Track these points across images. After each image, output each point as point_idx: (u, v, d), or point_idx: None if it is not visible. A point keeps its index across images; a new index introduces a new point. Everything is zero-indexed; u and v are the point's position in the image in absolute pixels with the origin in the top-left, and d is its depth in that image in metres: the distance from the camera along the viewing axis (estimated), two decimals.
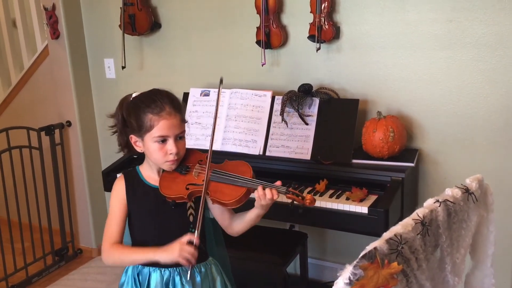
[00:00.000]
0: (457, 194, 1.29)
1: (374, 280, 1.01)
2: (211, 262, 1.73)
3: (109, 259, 1.61)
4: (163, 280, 1.62)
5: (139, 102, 1.59)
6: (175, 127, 1.56)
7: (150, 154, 1.60)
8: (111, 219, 1.64)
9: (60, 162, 3.28)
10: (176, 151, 1.56)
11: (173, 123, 1.55)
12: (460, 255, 1.31)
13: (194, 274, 1.66)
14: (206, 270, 1.69)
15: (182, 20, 2.86)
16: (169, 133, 1.55)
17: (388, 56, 2.36)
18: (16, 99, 3.69)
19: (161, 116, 1.54)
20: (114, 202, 1.65)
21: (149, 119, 1.54)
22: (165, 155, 1.56)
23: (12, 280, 3.03)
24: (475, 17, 2.16)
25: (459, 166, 2.31)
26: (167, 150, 1.56)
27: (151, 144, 1.56)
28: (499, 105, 2.19)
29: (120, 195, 1.64)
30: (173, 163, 1.59)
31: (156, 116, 1.54)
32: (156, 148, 1.56)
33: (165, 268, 1.63)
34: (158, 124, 1.53)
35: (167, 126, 1.54)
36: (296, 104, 2.34)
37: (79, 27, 3.18)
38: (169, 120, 1.54)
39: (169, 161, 1.57)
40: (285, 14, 2.56)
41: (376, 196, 2.07)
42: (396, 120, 2.25)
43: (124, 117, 1.62)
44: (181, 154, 1.60)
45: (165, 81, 2.98)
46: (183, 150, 1.61)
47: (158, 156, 1.57)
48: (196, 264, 1.67)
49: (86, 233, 3.44)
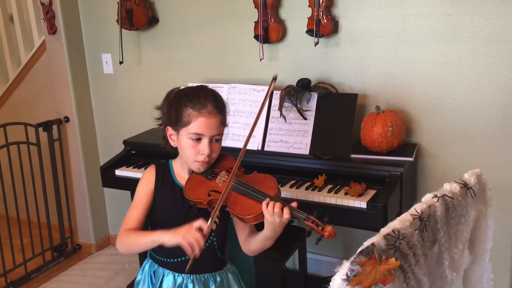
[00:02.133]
0: (455, 189, 1.28)
1: (371, 276, 1.01)
2: (228, 271, 1.68)
3: (119, 243, 1.56)
4: (175, 285, 1.59)
5: (183, 94, 1.56)
6: (213, 128, 1.51)
7: (182, 150, 1.56)
8: (133, 206, 1.60)
9: (58, 158, 3.28)
10: (208, 152, 1.51)
11: (211, 122, 1.51)
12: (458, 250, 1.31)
13: (209, 283, 1.62)
14: (221, 279, 1.64)
15: (180, 15, 2.84)
16: (205, 132, 1.51)
17: (387, 50, 2.35)
18: (13, 95, 3.68)
19: (201, 113, 1.50)
20: (141, 189, 1.61)
21: (188, 114, 1.50)
22: (196, 154, 1.52)
23: (11, 276, 3.03)
24: (474, 10, 2.15)
25: (458, 160, 2.31)
26: (200, 150, 1.51)
27: (185, 139, 1.52)
28: (498, 99, 2.19)
29: (149, 184, 1.61)
30: (203, 164, 1.54)
31: (195, 112, 1.50)
32: (189, 145, 1.52)
33: (179, 273, 1.60)
34: (196, 120, 1.50)
35: (205, 124, 1.50)
36: (294, 99, 2.33)
37: (76, 22, 3.16)
38: (208, 119, 1.50)
39: (199, 161, 1.53)
40: (283, 9, 2.54)
41: (375, 191, 2.07)
42: (394, 115, 2.25)
43: (166, 110, 1.58)
44: (213, 157, 1.55)
45: (163, 76, 2.97)
46: (216, 153, 1.56)
47: (189, 153, 1.53)
48: (211, 272, 1.63)
49: (85, 229, 3.44)
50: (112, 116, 3.27)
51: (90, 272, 3.16)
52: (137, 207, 1.59)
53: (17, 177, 3.09)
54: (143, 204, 1.60)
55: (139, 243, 1.52)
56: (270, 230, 1.46)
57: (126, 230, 1.56)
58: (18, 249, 3.12)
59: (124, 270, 3.11)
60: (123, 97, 3.19)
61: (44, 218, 3.25)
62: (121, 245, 1.57)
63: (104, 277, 3.06)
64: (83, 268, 3.22)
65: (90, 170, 3.33)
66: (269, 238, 1.51)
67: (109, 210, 3.50)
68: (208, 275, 1.63)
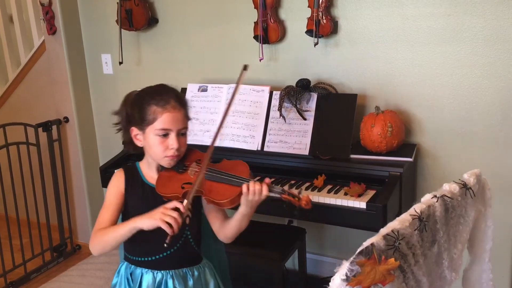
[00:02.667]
0: (454, 189, 1.28)
1: (371, 276, 1.01)
2: (205, 265, 1.71)
3: (94, 243, 1.57)
4: (155, 282, 1.61)
5: (145, 94, 1.58)
6: (179, 122, 1.54)
7: (149, 148, 1.57)
8: (104, 208, 1.61)
9: (57, 158, 3.28)
10: (177, 146, 1.54)
11: (177, 117, 1.54)
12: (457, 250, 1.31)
13: (187, 277, 1.64)
14: (199, 273, 1.67)
15: (180, 15, 2.84)
16: (172, 126, 1.53)
17: (386, 50, 2.36)
18: (13, 95, 3.68)
19: (166, 109, 1.52)
20: (111, 192, 1.63)
21: (152, 111, 1.52)
22: (165, 150, 1.54)
23: (11, 277, 3.03)
24: (473, 11, 2.15)
25: (457, 160, 2.31)
26: (168, 145, 1.54)
27: (152, 137, 1.54)
28: (497, 99, 2.19)
29: (119, 186, 1.62)
30: (173, 159, 1.56)
31: (160, 108, 1.52)
32: (157, 141, 1.54)
33: (157, 270, 1.61)
34: (161, 116, 1.52)
35: (171, 119, 1.52)
36: (294, 99, 2.33)
37: (76, 23, 3.16)
38: (173, 114, 1.53)
39: (168, 156, 1.55)
40: (282, 9, 2.55)
41: (374, 191, 2.07)
42: (394, 115, 2.25)
43: (128, 112, 1.60)
44: (182, 151, 1.58)
45: (163, 76, 2.97)
46: (184, 147, 1.59)
47: (158, 150, 1.55)
48: (189, 267, 1.65)
49: (85, 229, 3.44)
50: (112, 117, 3.25)
51: (89, 272, 3.15)
52: (108, 209, 1.60)
53: (17, 177, 3.08)
54: (113, 205, 1.61)
55: (116, 236, 1.53)
56: (247, 207, 1.52)
57: (100, 229, 1.57)
58: (18, 250, 3.12)
59: None
60: (122, 98, 3.17)
61: (43, 219, 3.25)
62: (95, 245, 1.57)
63: (103, 278, 3.06)
64: (83, 269, 3.21)
65: (89, 171, 3.33)
66: (245, 215, 1.55)
67: None
68: (186, 269, 1.65)
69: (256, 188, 1.48)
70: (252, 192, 1.48)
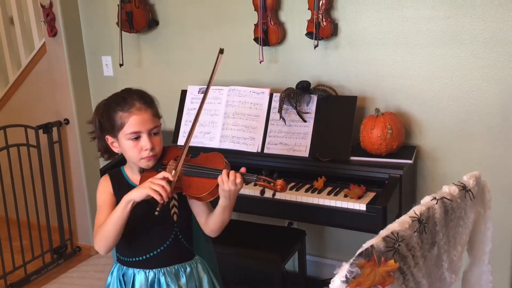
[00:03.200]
0: (454, 191, 1.29)
1: (370, 278, 1.01)
2: (197, 261, 1.71)
3: (97, 241, 1.55)
4: (148, 281, 1.61)
5: (110, 101, 1.59)
6: (147, 122, 1.54)
7: (126, 153, 1.58)
8: (99, 211, 1.60)
9: (58, 160, 3.28)
10: (151, 146, 1.54)
11: (144, 118, 1.54)
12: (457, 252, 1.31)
13: (179, 274, 1.64)
14: (191, 269, 1.67)
15: (180, 17, 2.85)
16: (141, 128, 1.53)
17: (386, 53, 2.36)
18: (13, 97, 3.68)
19: (131, 112, 1.53)
20: (101, 196, 1.62)
21: (119, 117, 1.53)
22: (140, 152, 1.54)
23: (11, 278, 3.03)
24: (473, 13, 2.15)
25: (457, 163, 2.31)
26: (142, 146, 1.54)
27: (125, 142, 1.55)
28: (497, 101, 2.19)
29: (108, 189, 1.62)
30: (150, 159, 1.56)
31: (126, 113, 1.53)
32: (131, 145, 1.54)
33: (149, 269, 1.62)
34: (129, 120, 1.52)
35: (138, 121, 1.53)
36: (294, 101, 2.34)
37: (77, 25, 3.17)
38: (139, 115, 1.53)
39: (144, 157, 1.55)
40: (283, 11, 2.55)
41: (374, 193, 2.07)
42: (394, 117, 2.25)
43: (100, 121, 1.61)
44: (157, 150, 1.57)
45: (163, 78, 2.98)
46: (159, 146, 1.58)
47: (133, 153, 1.55)
48: (181, 264, 1.65)
49: (85, 231, 3.44)
50: None
51: (89, 274, 3.15)
52: (103, 211, 1.59)
53: (17, 179, 3.09)
54: (107, 206, 1.60)
55: (114, 220, 1.50)
56: (226, 199, 1.52)
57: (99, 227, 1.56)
58: (18, 251, 3.12)
59: None
60: None
61: (43, 220, 3.25)
62: (99, 242, 1.55)
63: (103, 279, 3.03)
64: (83, 270, 3.21)
65: (89, 172, 3.33)
66: (226, 207, 1.55)
67: None
68: (178, 266, 1.65)
69: (230, 178, 1.48)
70: (226, 181, 1.48)
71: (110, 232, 1.52)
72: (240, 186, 1.49)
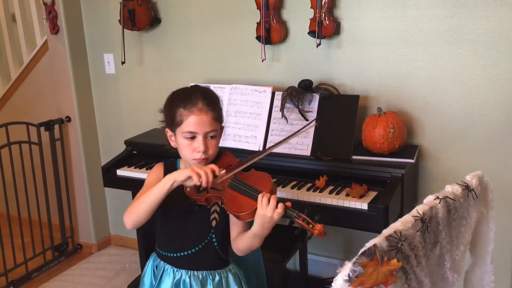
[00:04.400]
0: (457, 191, 1.28)
1: (373, 277, 1.01)
2: (230, 271, 1.68)
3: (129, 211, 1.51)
4: (173, 280, 1.61)
5: (175, 96, 1.59)
6: (205, 125, 1.52)
7: (180, 150, 1.58)
8: (144, 189, 1.57)
9: (59, 157, 3.28)
10: (204, 149, 1.52)
11: (202, 119, 1.52)
12: (459, 252, 1.31)
13: (207, 281, 1.62)
14: (221, 278, 1.64)
15: (182, 15, 2.85)
16: (197, 129, 1.52)
17: (389, 52, 2.36)
18: (15, 95, 3.68)
19: (191, 112, 1.51)
20: (151, 177, 1.62)
21: (179, 114, 1.53)
22: (193, 152, 1.53)
23: (12, 276, 3.03)
24: (476, 13, 2.15)
25: (459, 162, 2.31)
26: (195, 148, 1.53)
27: (181, 139, 1.55)
28: (500, 101, 2.19)
29: (159, 174, 1.61)
30: (201, 162, 1.54)
31: (186, 111, 1.52)
32: (185, 144, 1.54)
33: (178, 268, 1.62)
34: (187, 119, 1.52)
35: (196, 122, 1.51)
36: (296, 100, 2.34)
37: (79, 22, 3.17)
38: (199, 116, 1.51)
39: (196, 159, 1.54)
40: (285, 10, 2.55)
41: (376, 192, 2.07)
42: (396, 116, 2.25)
43: (163, 113, 1.61)
44: (210, 154, 1.55)
45: (165, 76, 2.98)
46: (213, 150, 1.56)
47: (186, 152, 1.55)
48: (210, 270, 1.63)
49: (86, 229, 3.44)
50: (114, 116, 3.27)
51: (90, 271, 3.16)
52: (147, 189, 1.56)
53: (19, 176, 3.09)
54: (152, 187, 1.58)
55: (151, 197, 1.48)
56: (259, 226, 1.45)
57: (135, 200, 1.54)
58: (19, 248, 3.12)
59: (124, 270, 3.11)
60: (124, 97, 3.19)
61: (45, 218, 3.25)
62: (130, 213, 1.51)
63: (104, 277, 3.06)
64: (84, 268, 3.22)
65: (91, 170, 3.33)
66: (257, 236, 1.50)
67: (110, 210, 3.51)
68: (206, 272, 1.63)
69: (271, 204, 1.41)
70: (266, 205, 1.42)
71: (143, 207, 1.49)
72: (277, 216, 1.42)
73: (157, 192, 1.47)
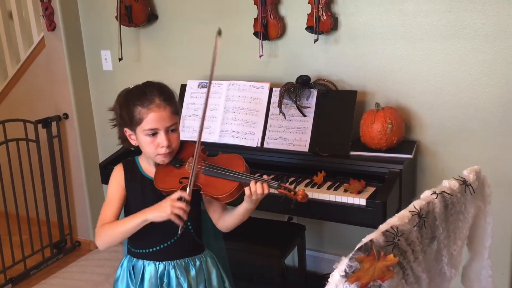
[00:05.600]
0: (454, 186, 1.28)
1: (370, 272, 1.01)
2: (207, 255, 1.73)
3: (100, 237, 1.58)
4: (157, 273, 1.62)
5: (130, 95, 1.59)
6: (165, 120, 1.54)
7: (142, 147, 1.59)
8: (107, 203, 1.62)
9: (57, 154, 3.28)
10: (167, 143, 1.54)
11: (162, 115, 1.53)
12: (457, 247, 1.31)
13: (189, 267, 1.66)
14: (201, 262, 1.69)
15: (179, 11, 2.84)
16: (158, 125, 1.53)
17: (387, 47, 2.35)
18: (12, 92, 3.67)
19: (150, 109, 1.52)
20: (112, 187, 1.64)
21: (138, 112, 1.53)
22: (156, 148, 1.55)
23: (10, 273, 3.03)
24: (474, 7, 2.14)
25: (457, 157, 2.31)
26: (158, 143, 1.54)
27: (142, 137, 1.55)
28: (497, 96, 2.18)
29: (119, 181, 1.63)
30: (165, 156, 1.57)
31: (145, 109, 1.53)
32: (147, 141, 1.55)
33: (159, 261, 1.63)
34: (147, 117, 1.52)
35: (157, 118, 1.53)
36: (294, 95, 2.33)
37: (75, 19, 3.16)
38: (158, 113, 1.53)
39: (160, 154, 1.56)
40: (282, 5, 2.54)
41: (374, 188, 2.06)
42: (394, 112, 2.24)
43: (119, 113, 1.61)
44: (174, 147, 1.58)
45: (162, 73, 2.97)
46: (176, 143, 1.59)
47: (149, 149, 1.56)
48: (191, 257, 1.67)
49: (84, 226, 3.44)
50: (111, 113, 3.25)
51: (89, 269, 3.16)
52: (112, 204, 1.62)
53: (16, 173, 3.08)
54: (116, 200, 1.62)
55: (127, 229, 1.54)
56: (251, 204, 1.57)
57: (105, 224, 1.58)
58: (17, 246, 3.12)
59: None
60: None
61: (43, 215, 3.25)
62: (102, 240, 1.58)
63: (103, 274, 3.06)
64: (82, 265, 3.22)
65: (89, 167, 3.33)
66: (249, 210, 1.60)
67: None
68: (188, 259, 1.67)
69: (258, 188, 1.52)
70: (254, 193, 1.52)
71: (118, 237, 1.57)
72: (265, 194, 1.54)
73: (130, 228, 1.53)
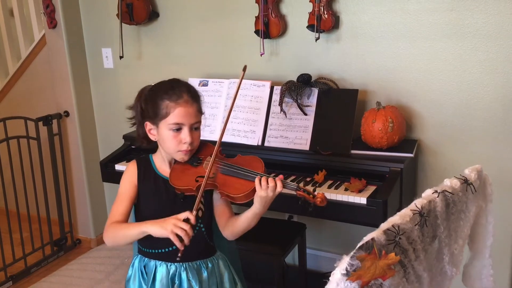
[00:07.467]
0: (455, 185, 1.28)
1: (371, 271, 1.01)
2: (219, 257, 1.71)
3: (107, 236, 1.58)
4: (169, 274, 1.61)
5: (158, 89, 1.59)
6: (191, 116, 1.55)
7: (163, 142, 1.58)
8: (118, 200, 1.61)
9: (58, 152, 3.28)
10: (190, 140, 1.55)
11: (189, 111, 1.54)
12: (458, 246, 1.31)
13: (201, 270, 1.64)
14: (213, 265, 1.67)
15: (181, 9, 2.83)
16: (184, 121, 1.54)
17: (388, 46, 2.35)
18: (13, 89, 3.67)
19: (178, 104, 1.53)
20: (124, 184, 1.63)
21: (165, 106, 1.53)
22: (179, 144, 1.55)
23: (11, 271, 3.03)
24: (476, 6, 2.14)
25: (458, 156, 2.31)
26: (181, 139, 1.54)
27: (165, 131, 1.55)
28: (499, 95, 2.18)
29: (132, 178, 1.63)
30: (186, 153, 1.57)
31: (173, 103, 1.53)
32: (170, 136, 1.55)
33: (171, 262, 1.62)
34: (174, 111, 1.53)
35: (183, 113, 1.53)
36: (295, 94, 2.33)
37: (77, 16, 3.16)
38: (186, 108, 1.53)
39: (182, 150, 1.56)
40: (284, 3, 2.53)
41: (375, 186, 2.06)
42: (395, 111, 2.24)
43: (142, 106, 1.61)
44: (195, 145, 1.58)
45: (163, 70, 2.97)
46: (197, 141, 1.59)
47: (171, 144, 1.56)
48: (203, 259, 1.65)
49: (85, 223, 3.44)
50: (112, 111, 3.26)
51: (89, 266, 3.16)
52: (122, 201, 1.61)
53: (17, 171, 3.08)
54: (127, 197, 1.62)
55: (127, 235, 1.54)
56: (260, 206, 1.51)
57: (113, 223, 1.57)
58: (18, 244, 3.12)
59: (123, 265, 3.11)
60: (123, 92, 3.18)
61: (44, 213, 3.25)
62: (108, 238, 1.58)
63: (103, 272, 3.06)
64: (83, 263, 3.22)
65: (90, 165, 3.33)
66: (258, 214, 1.55)
67: (109, 204, 3.50)
68: (200, 262, 1.65)
69: (270, 183, 1.47)
70: (265, 187, 1.47)
71: (120, 240, 1.57)
72: (278, 193, 1.49)
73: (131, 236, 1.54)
